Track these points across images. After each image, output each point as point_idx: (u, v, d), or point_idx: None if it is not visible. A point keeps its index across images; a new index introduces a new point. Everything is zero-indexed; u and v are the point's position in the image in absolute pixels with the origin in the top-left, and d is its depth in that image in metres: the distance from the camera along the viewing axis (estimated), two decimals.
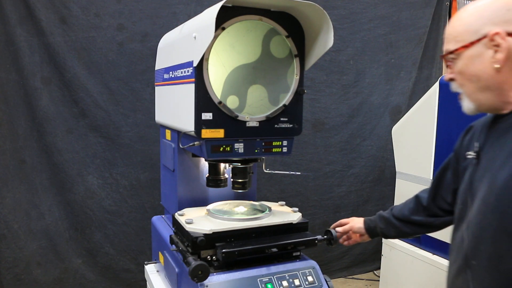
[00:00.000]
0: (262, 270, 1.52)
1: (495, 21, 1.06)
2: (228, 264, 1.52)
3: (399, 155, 3.12)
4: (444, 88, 2.60)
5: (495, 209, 1.05)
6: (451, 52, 1.14)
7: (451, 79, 1.19)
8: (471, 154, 1.22)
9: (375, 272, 3.93)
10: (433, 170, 2.71)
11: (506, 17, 1.05)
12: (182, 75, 1.66)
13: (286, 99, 1.65)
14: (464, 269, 1.16)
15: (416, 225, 1.61)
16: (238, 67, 1.57)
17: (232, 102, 1.56)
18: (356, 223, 1.78)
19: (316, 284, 1.55)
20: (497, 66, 1.06)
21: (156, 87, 2.13)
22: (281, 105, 1.64)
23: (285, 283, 1.51)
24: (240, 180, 1.75)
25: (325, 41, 1.59)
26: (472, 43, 1.09)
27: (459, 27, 1.13)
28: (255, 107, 1.60)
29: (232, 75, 1.56)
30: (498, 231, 1.05)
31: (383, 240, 3.24)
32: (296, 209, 1.80)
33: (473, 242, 1.13)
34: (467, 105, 1.18)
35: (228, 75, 1.55)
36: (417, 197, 1.64)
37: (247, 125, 1.60)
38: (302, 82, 1.67)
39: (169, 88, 1.86)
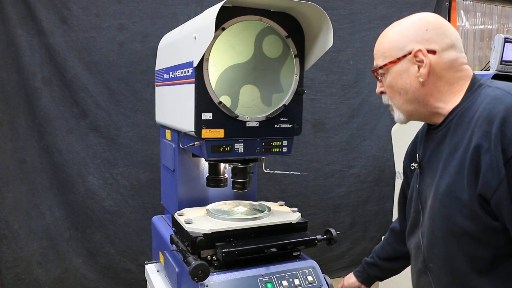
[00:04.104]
0: (262, 270, 1.53)
1: (417, 40, 1.17)
2: (228, 264, 1.52)
3: (399, 155, 3.13)
4: None
5: (440, 214, 1.15)
6: (381, 67, 1.24)
7: (382, 92, 1.30)
8: (414, 165, 1.34)
9: None
10: None
11: (425, 36, 1.17)
12: (182, 75, 1.66)
13: (286, 99, 1.65)
14: (424, 271, 1.26)
15: (403, 255, 1.56)
16: (230, 67, 1.57)
17: (224, 102, 1.56)
18: (346, 280, 1.81)
19: (316, 283, 1.56)
20: (421, 80, 1.17)
21: (156, 87, 2.13)
22: (280, 105, 1.64)
23: (285, 282, 1.51)
24: (240, 180, 1.76)
25: (325, 41, 1.60)
26: (399, 59, 1.20)
27: (386, 44, 1.23)
28: (247, 107, 1.60)
29: (224, 75, 1.56)
30: (446, 234, 1.14)
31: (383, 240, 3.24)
32: (295, 209, 1.80)
33: (428, 247, 1.22)
34: (397, 116, 1.28)
35: (220, 75, 1.55)
36: (391, 229, 1.70)
37: (247, 125, 1.60)
38: (302, 82, 1.68)
39: (169, 88, 1.86)
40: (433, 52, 1.16)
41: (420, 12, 1.25)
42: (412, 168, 1.35)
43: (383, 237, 3.26)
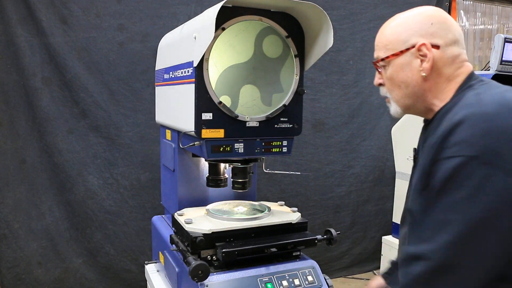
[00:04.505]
0: (262, 270, 1.53)
1: (421, 33, 1.15)
2: (228, 264, 1.52)
3: (399, 155, 3.13)
4: None
5: (408, 209, 1.16)
6: (382, 59, 1.22)
7: (380, 84, 1.28)
8: (409, 158, 1.30)
9: (374, 271, 3.93)
10: None
11: (430, 30, 1.15)
12: (182, 75, 1.66)
13: (286, 99, 1.65)
14: None
15: None
16: (230, 67, 1.57)
17: (224, 102, 1.56)
18: (374, 282, 1.67)
19: (316, 283, 1.56)
20: (424, 74, 1.15)
21: (156, 87, 2.13)
22: (280, 105, 1.64)
23: (285, 282, 1.51)
24: (240, 180, 1.76)
25: (325, 41, 1.60)
26: (401, 52, 1.17)
27: (389, 36, 1.21)
28: (247, 107, 1.60)
29: (224, 75, 1.56)
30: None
31: (383, 239, 3.25)
32: (295, 209, 1.80)
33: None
34: (394, 109, 1.28)
35: (220, 75, 1.56)
36: None
37: (247, 125, 1.60)
38: (302, 82, 1.68)
39: (169, 88, 1.86)
40: (437, 46, 1.14)
41: None
42: (408, 160, 1.37)
43: (383, 237, 3.27)
